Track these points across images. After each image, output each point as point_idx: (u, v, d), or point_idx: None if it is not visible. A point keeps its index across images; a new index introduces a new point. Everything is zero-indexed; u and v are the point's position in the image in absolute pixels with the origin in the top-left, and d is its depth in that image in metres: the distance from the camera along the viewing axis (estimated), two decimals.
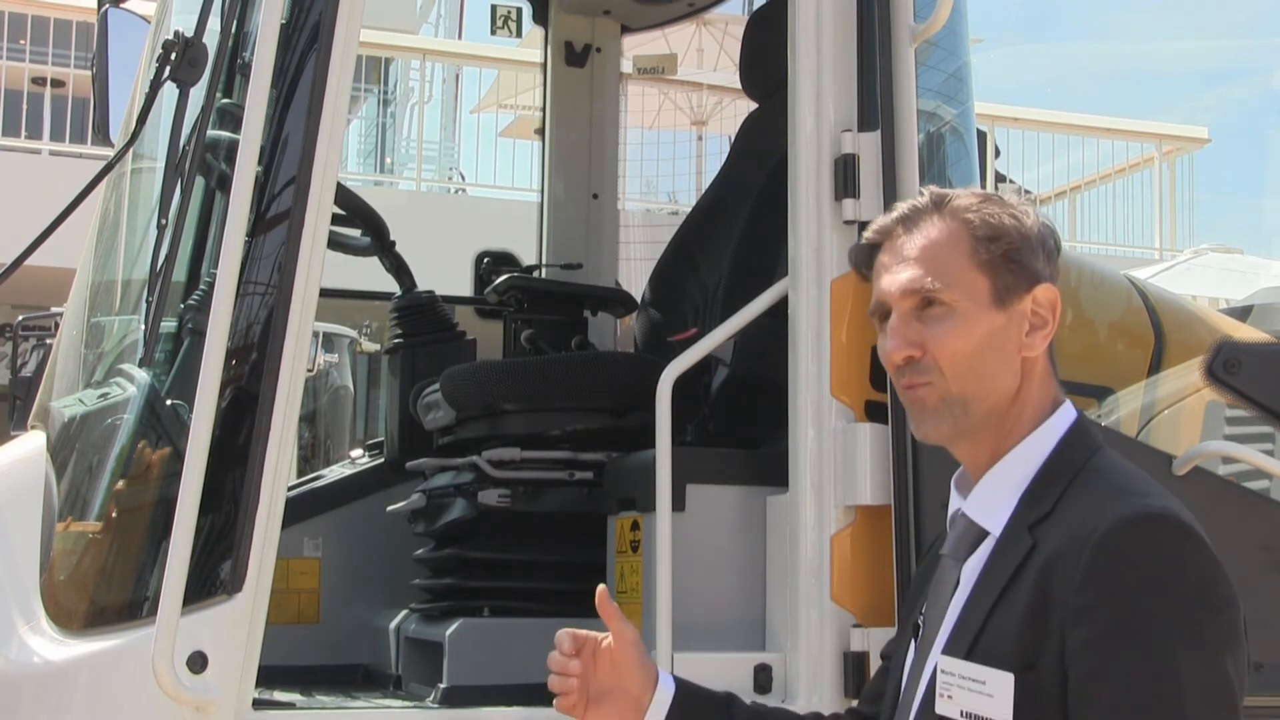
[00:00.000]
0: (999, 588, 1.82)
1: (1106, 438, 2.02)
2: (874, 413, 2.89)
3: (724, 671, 2.89)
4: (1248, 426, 3.19)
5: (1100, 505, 1.78)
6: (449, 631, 3.34)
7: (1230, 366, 3.14)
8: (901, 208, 1.97)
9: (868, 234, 2.00)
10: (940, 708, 1.83)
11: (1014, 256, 1.90)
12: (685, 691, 2.13)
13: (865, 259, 2.01)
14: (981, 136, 3.99)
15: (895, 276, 1.93)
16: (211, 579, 2.55)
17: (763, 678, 2.90)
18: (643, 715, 2.10)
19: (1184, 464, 2.96)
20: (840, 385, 2.92)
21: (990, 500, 1.91)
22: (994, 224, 1.91)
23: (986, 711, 1.77)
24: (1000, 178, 14.05)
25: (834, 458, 2.90)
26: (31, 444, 3.21)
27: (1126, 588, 1.71)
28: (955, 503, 1.99)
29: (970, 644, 1.82)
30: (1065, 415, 1.93)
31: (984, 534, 1.91)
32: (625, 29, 4.88)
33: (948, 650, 1.85)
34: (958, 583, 1.92)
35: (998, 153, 13.79)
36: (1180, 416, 3.18)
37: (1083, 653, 1.71)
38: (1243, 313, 3.71)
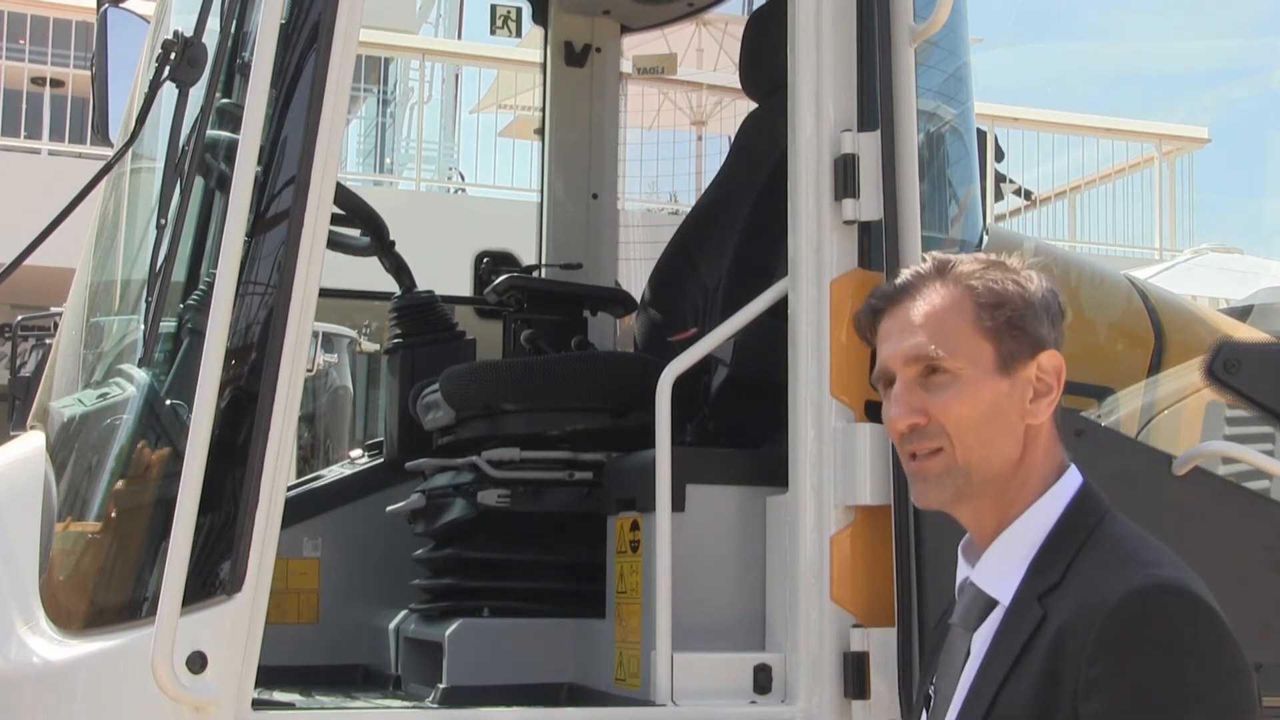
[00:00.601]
0: (1010, 659, 1.80)
1: (1106, 438, 2.02)
2: (874, 413, 2.88)
3: (724, 672, 2.90)
4: (1248, 426, 3.19)
5: (1110, 575, 1.76)
6: (448, 632, 3.34)
7: (1230, 366, 3.14)
8: (905, 274, 1.96)
9: (871, 299, 1.98)
10: None
11: (1017, 323, 1.89)
12: None
13: (869, 325, 1.99)
14: (981, 136, 3.98)
15: (899, 343, 1.92)
16: (211, 579, 2.55)
17: (762, 678, 2.90)
18: None
19: (1184, 464, 2.95)
20: (840, 385, 2.92)
21: (998, 569, 1.89)
22: (997, 290, 1.90)
23: None
24: (1001, 178, 14.06)
25: (834, 458, 2.90)
26: (31, 444, 3.21)
27: (1138, 661, 1.70)
28: (963, 571, 1.97)
29: (982, 717, 1.81)
30: (1072, 480, 1.91)
31: (993, 603, 1.89)
32: (625, 29, 4.88)
33: None
34: (968, 653, 1.91)
35: (1000, 155, 13.79)
36: (1180, 416, 3.18)
37: None
38: (1243, 313, 3.71)
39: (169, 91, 2.79)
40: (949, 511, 1.94)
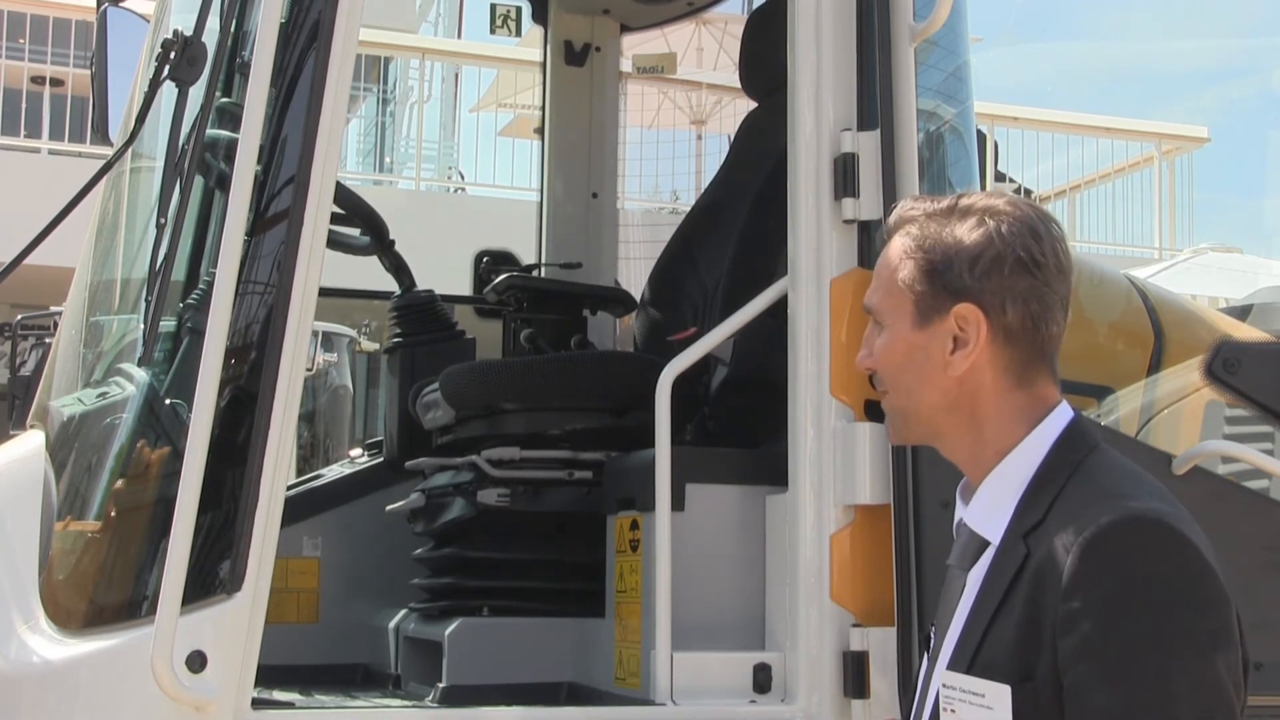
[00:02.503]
0: (997, 599, 1.82)
1: (1105, 437, 2.01)
2: (873, 412, 2.88)
3: (723, 671, 2.90)
4: (1247, 426, 3.19)
5: (1087, 510, 1.77)
6: (448, 631, 3.34)
7: (1230, 366, 3.14)
8: (889, 217, 2.01)
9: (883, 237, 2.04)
10: None
11: (935, 275, 1.91)
12: None
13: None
14: (981, 136, 3.98)
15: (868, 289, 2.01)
16: (210, 578, 2.55)
17: (762, 677, 2.90)
18: None
19: (1183, 463, 2.95)
20: (840, 385, 2.92)
21: (988, 509, 1.91)
22: (921, 238, 1.93)
23: None
24: (1000, 177, 14.05)
25: (833, 457, 2.90)
26: (30, 443, 3.21)
27: (1111, 593, 1.71)
28: (960, 511, 1.99)
29: (972, 657, 1.82)
30: (1059, 418, 1.92)
31: (985, 543, 1.91)
32: (624, 28, 4.88)
33: (951, 665, 1.86)
34: (962, 593, 1.92)
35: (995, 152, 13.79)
36: (1180, 416, 3.18)
37: (1073, 660, 1.71)
38: (1242, 312, 3.71)
39: (169, 91, 2.79)
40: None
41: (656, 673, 2.88)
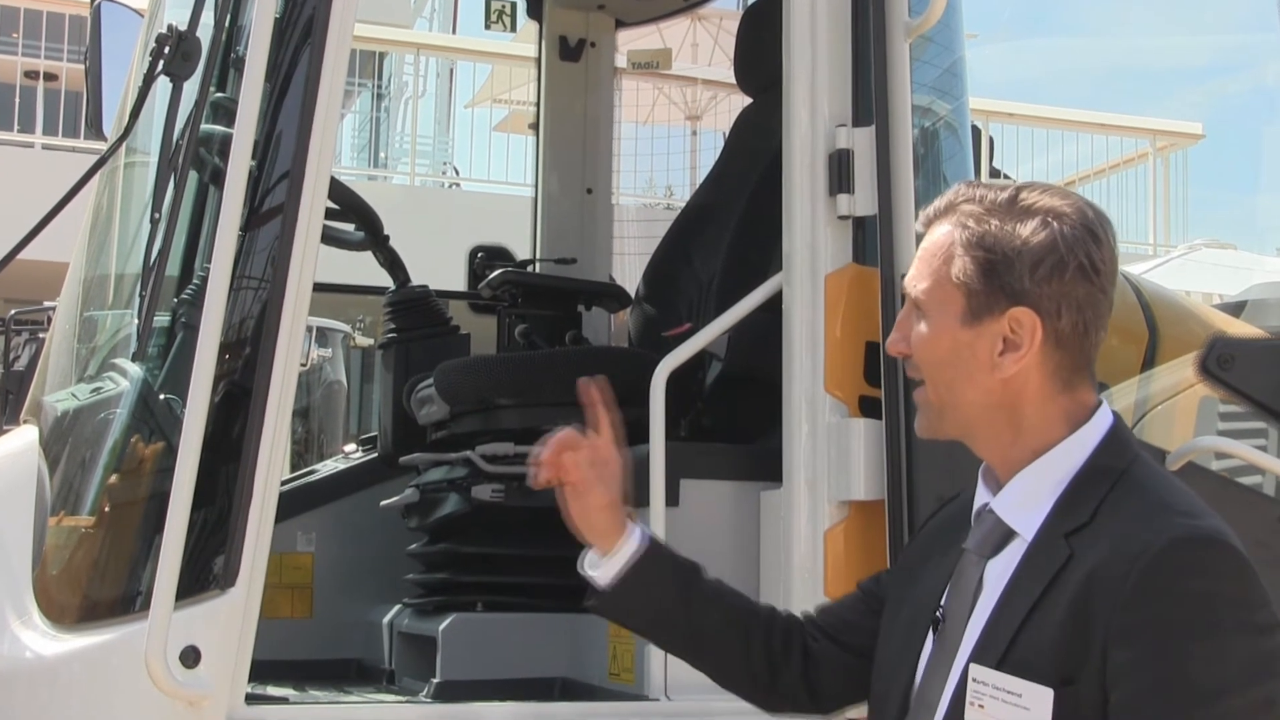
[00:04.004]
0: (1033, 596, 1.79)
1: None
2: (868, 408, 2.88)
3: None
4: (1241, 422, 3.19)
5: (1147, 522, 1.75)
6: (442, 626, 3.34)
7: (1224, 362, 3.14)
8: (938, 201, 1.95)
9: (917, 225, 2.00)
10: (970, 716, 1.80)
11: (992, 274, 1.86)
12: (658, 543, 2.24)
13: (919, 243, 2.01)
14: (976, 132, 3.98)
15: (910, 271, 1.96)
16: (205, 573, 2.55)
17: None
18: (618, 532, 2.22)
19: (1177, 459, 2.96)
20: (834, 380, 2.92)
21: (1022, 501, 1.88)
22: (981, 234, 1.88)
23: None
24: (995, 173, 14.04)
25: (828, 453, 2.90)
26: (24, 438, 3.21)
27: (1175, 611, 1.70)
28: (983, 496, 1.96)
29: (1003, 653, 1.79)
30: (1102, 420, 1.90)
31: (1012, 534, 1.88)
32: (620, 24, 4.87)
33: (977, 658, 1.82)
34: (980, 582, 1.90)
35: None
36: (1174, 412, 3.18)
37: (1127, 673, 1.69)
38: (1236, 308, 3.71)
39: (163, 85, 2.79)
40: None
41: (650, 668, 2.88)
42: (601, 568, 2.22)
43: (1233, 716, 1.68)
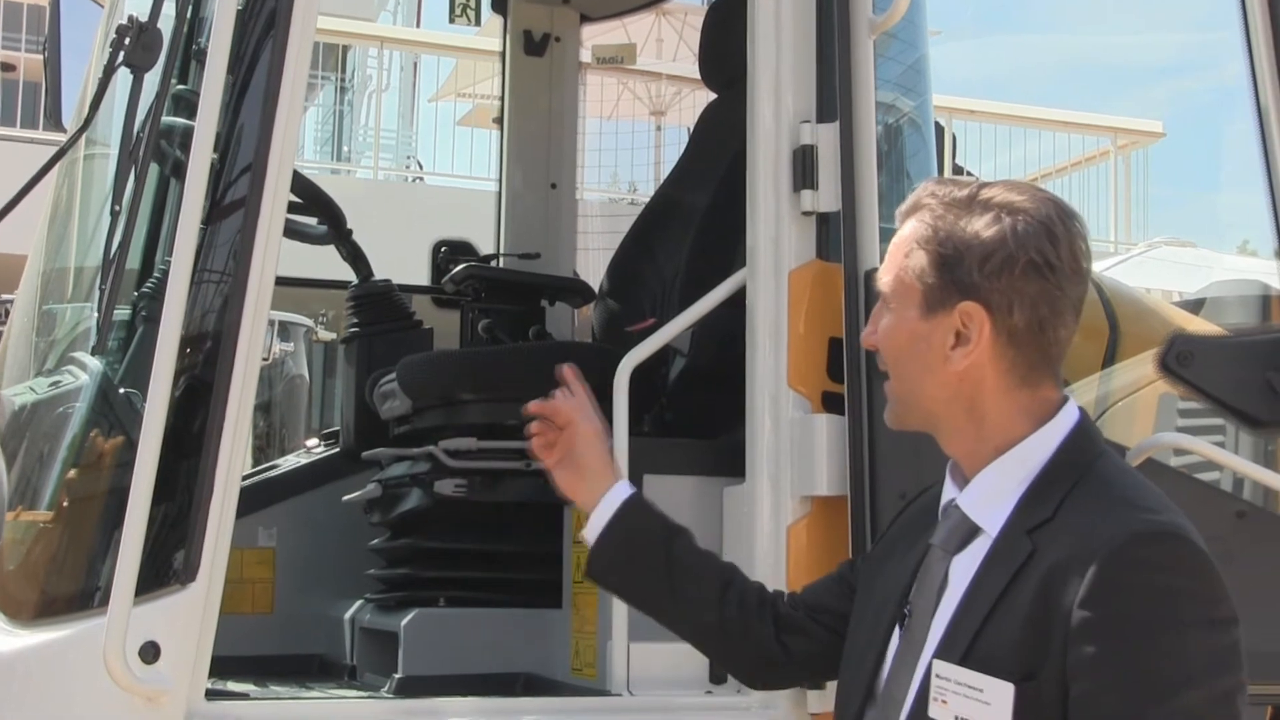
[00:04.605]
0: (996, 592, 1.80)
1: None
2: (831, 404, 2.89)
3: (680, 662, 2.89)
4: (1200, 418, 3.22)
5: (1108, 517, 1.76)
6: (404, 621, 3.33)
7: (1183, 359, 3.16)
8: (910, 197, 1.98)
9: (897, 221, 2.03)
10: (934, 712, 1.82)
11: (945, 268, 1.89)
12: (641, 499, 2.28)
13: None
14: (939, 129, 4.00)
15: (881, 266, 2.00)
16: (164, 569, 2.53)
17: (718, 668, 2.90)
18: (600, 490, 2.25)
19: (1137, 455, 2.98)
20: (798, 376, 2.92)
21: (987, 497, 1.90)
22: (936, 229, 1.91)
23: (983, 719, 1.77)
24: (958, 170, 14.10)
25: (791, 449, 2.90)
26: None
27: (1134, 607, 1.71)
28: (950, 492, 1.97)
29: (966, 649, 1.80)
30: (1067, 416, 1.91)
31: (977, 530, 1.89)
32: (584, 18, 4.87)
33: (941, 654, 1.83)
34: (946, 577, 1.91)
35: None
36: (1134, 408, 3.20)
37: (1087, 667, 1.70)
38: (1195, 305, 3.74)
39: (124, 77, 2.77)
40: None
41: (613, 663, 2.88)
42: (594, 522, 2.26)
43: (1191, 711, 1.69)
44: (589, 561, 2.28)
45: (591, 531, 2.26)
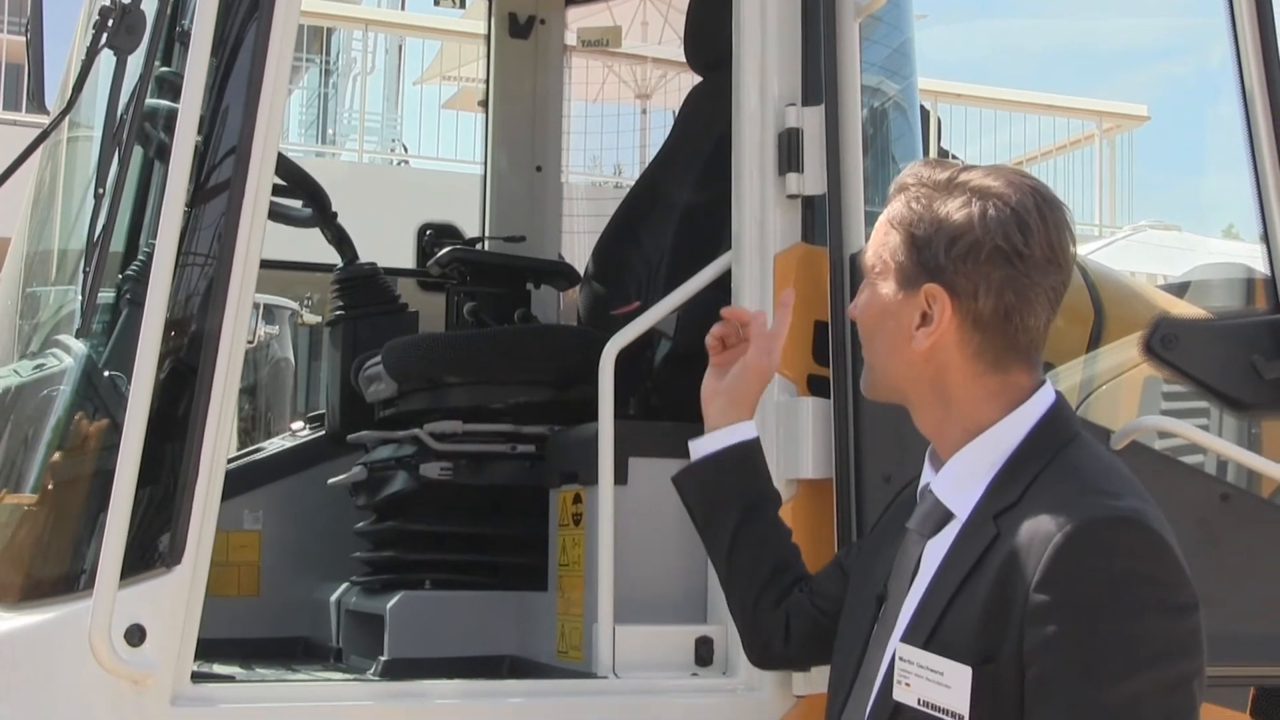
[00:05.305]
0: (960, 576, 1.82)
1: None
2: (816, 387, 2.89)
3: (665, 644, 2.91)
4: (1184, 401, 3.23)
5: (1068, 502, 1.77)
6: (390, 604, 3.33)
7: (1168, 342, 3.17)
8: (898, 178, 2.01)
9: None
10: (898, 694, 1.84)
11: (917, 246, 1.92)
12: (757, 450, 2.35)
13: None
14: (924, 112, 4.00)
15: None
16: (150, 552, 2.53)
17: (704, 650, 2.91)
18: (730, 418, 2.32)
19: (1122, 438, 2.99)
20: (783, 360, 2.91)
21: (959, 482, 1.91)
22: (911, 210, 1.94)
23: (943, 702, 1.78)
24: (944, 153, 14.10)
25: (776, 432, 2.91)
26: None
27: (1089, 591, 1.72)
28: (926, 476, 1.99)
29: (930, 633, 1.82)
30: (1040, 401, 1.92)
31: (950, 514, 1.91)
32: (569, 1, 4.86)
33: (907, 638, 1.85)
34: (919, 561, 1.92)
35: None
36: (1119, 391, 3.21)
37: (1041, 652, 1.71)
38: (1180, 289, 3.74)
39: (107, 59, 2.75)
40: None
41: (599, 646, 2.88)
42: (702, 440, 2.33)
43: (1144, 695, 1.70)
44: (681, 473, 2.36)
45: (698, 449, 2.33)
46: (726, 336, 2.36)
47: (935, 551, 1.90)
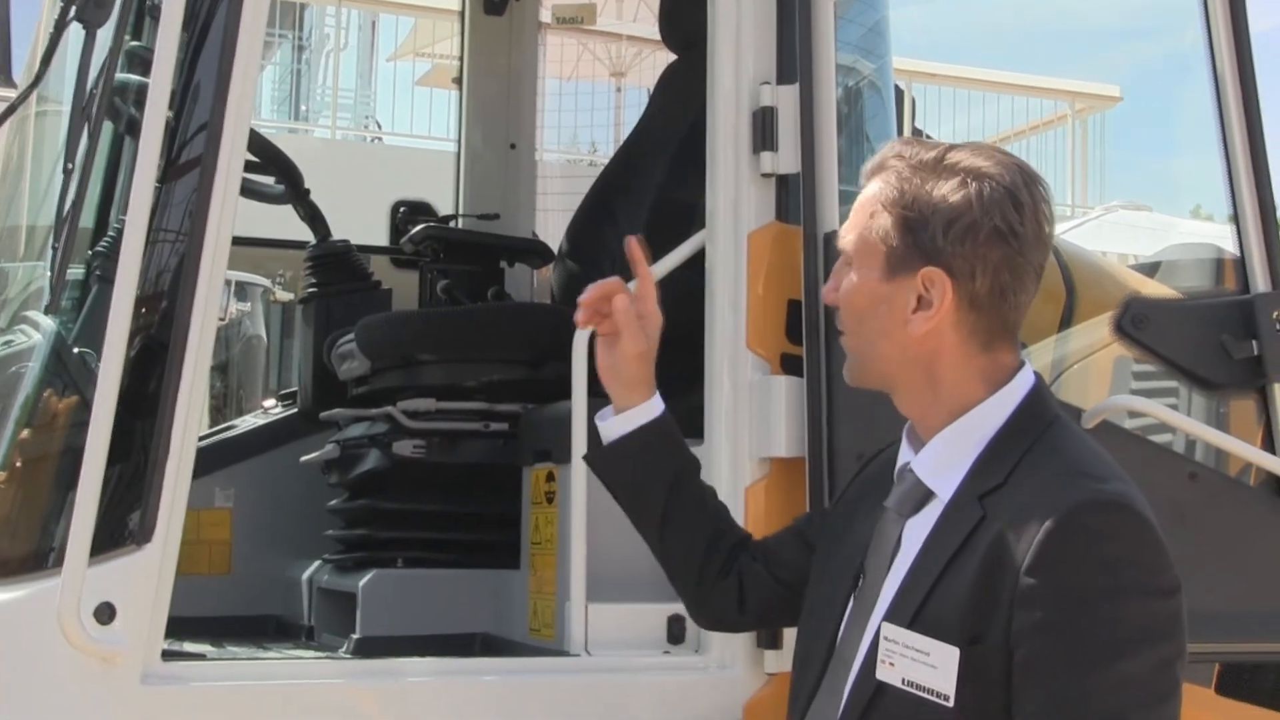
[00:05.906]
0: (946, 557, 1.81)
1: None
2: (790, 365, 2.90)
3: (637, 622, 2.91)
4: (1154, 381, 3.24)
5: (1056, 485, 1.78)
6: (362, 582, 3.33)
7: (1138, 322, 3.19)
8: (875, 157, 1.98)
9: (862, 180, 2.02)
10: (881, 674, 1.83)
11: (910, 229, 1.88)
12: (667, 426, 2.30)
13: None
14: (899, 91, 4.00)
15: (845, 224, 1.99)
16: (120, 529, 2.52)
17: (676, 628, 2.91)
18: (642, 393, 2.26)
19: (1092, 418, 3.00)
20: (756, 338, 2.93)
21: (941, 462, 1.90)
22: (901, 191, 1.90)
23: (929, 682, 1.78)
24: (917, 133, 14.12)
25: (749, 410, 2.91)
26: None
27: (1078, 574, 1.72)
28: (905, 455, 1.98)
29: (914, 613, 1.82)
30: (1022, 382, 1.92)
31: (930, 494, 1.91)
32: None
33: (890, 617, 1.85)
34: (899, 540, 1.92)
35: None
36: (1090, 371, 3.22)
37: (1030, 634, 1.72)
38: (1151, 269, 3.76)
39: (75, 32, 2.73)
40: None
41: (571, 624, 2.89)
42: (612, 422, 2.26)
43: (1130, 678, 1.71)
44: (597, 456, 2.31)
45: (611, 431, 2.27)
46: (591, 319, 2.30)
47: (916, 531, 1.90)
